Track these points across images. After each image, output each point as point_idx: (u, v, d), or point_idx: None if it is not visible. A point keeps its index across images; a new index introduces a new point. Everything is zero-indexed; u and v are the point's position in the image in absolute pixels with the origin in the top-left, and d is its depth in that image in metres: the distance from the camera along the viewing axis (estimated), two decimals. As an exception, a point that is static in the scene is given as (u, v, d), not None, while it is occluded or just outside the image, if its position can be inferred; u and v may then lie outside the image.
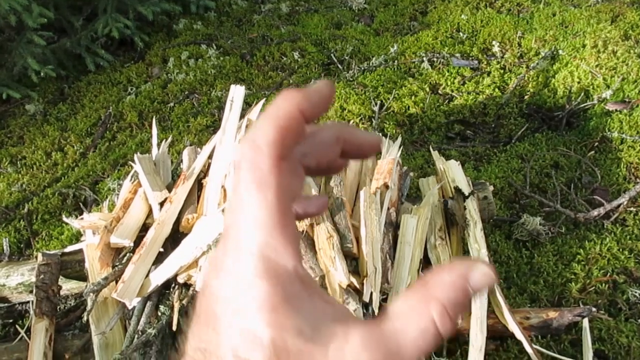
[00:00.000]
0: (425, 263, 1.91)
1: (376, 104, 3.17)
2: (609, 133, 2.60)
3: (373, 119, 3.08)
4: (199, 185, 1.98)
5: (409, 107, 3.14)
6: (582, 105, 2.82)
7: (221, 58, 4.12)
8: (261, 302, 0.36)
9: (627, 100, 2.75)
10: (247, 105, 3.53)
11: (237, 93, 2.09)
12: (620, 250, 2.08)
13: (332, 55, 3.95)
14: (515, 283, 2.04)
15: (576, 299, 1.94)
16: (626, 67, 2.97)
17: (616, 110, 2.70)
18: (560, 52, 3.33)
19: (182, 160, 2.20)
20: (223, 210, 1.72)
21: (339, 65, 3.81)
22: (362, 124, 3.07)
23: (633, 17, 3.56)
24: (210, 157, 2.02)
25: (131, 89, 3.86)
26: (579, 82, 2.99)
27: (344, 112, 3.17)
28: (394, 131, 3.00)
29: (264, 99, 2.21)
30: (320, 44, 4.18)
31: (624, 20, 3.54)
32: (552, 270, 2.05)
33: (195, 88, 3.79)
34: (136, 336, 1.62)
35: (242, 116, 2.08)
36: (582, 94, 2.89)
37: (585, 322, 1.79)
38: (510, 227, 2.25)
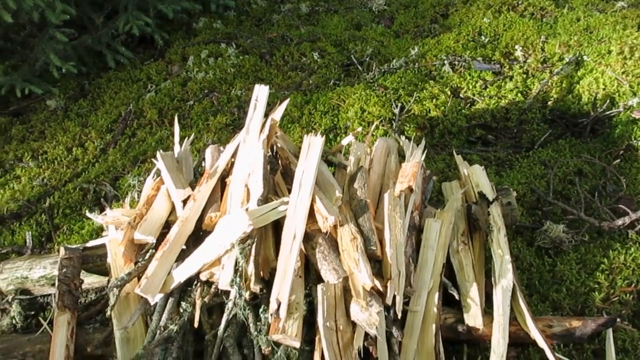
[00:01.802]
0: (448, 267, 1.90)
1: (397, 106, 3.15)
2: (634, 141, 2.56)
3: (393, 122, 3.07)
4: (222, 183, 1.99)
5: (429, 110, 3.12)
6: (608, 113, 2.78)
7: (240, 57, 4.13)
8: None
9: (653, 108, 2.71)
10: (267, 105, 3.53)
11: (261, 92, 2.10)
12: (646, 260, 2.05)
13: (352, 56, 3.94)
14: (537, 290, 2.01)
15: (599, 309, 1.91)
16: (653, 74, 2.93)
17: (642, 118, 2.66)
18: (584, 57, 3.29)
19: (204, 159, 2.21)
20: (247, 209, 1.72)
21: (359, 67, 3.80)
22: (383, 126, 3.06)
23: (660, 23, 3.51)
24: (233, 156, 2.02)
25: (151, 87, 3.89)
26: (604, 89, 2.95)
27: (364, 113, 3.16)
28: (415, 134, 2.99)
29: (287, 100, 2.20)
30: (340, 44, 4.17)
31: (650, 26, 3.50)
32: (575, 278, 2.02)
33: (214, 87, 3.80)
34: (158, 332, 1.63)
35: (265, 115, 2.08)
36: (608, 101, 2.85)
37: (609, 332, 1.77)
38: (532, 233, 2.22)
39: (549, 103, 3.03)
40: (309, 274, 1.73)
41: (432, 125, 3.05)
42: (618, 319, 1.78)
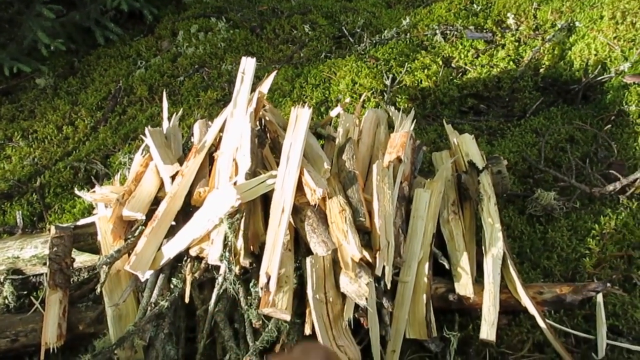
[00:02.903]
0: (438, 237, 1.90)
1: (388, 77, 3.12)
2: (626, 106, 2.54)
3: (385, 93, 3.03)
4: (210, 158, 1.97)
5: (421, 80, 3.09)
6: (599, 78, 2.75)
7: (231, 31, 4.06)
8: None
9: (646, 73, 2.68)
10: (257, 78, 3.49)
11: (248, 65, 2.07)
12: (636, 225, 2.05)
13: (343, 28, 3.88)
14: (528, 258, 2.02)
15: (590, 275, 1.92)
16: (646, 39, 2.89)
17: (634, 83, 2.63)
18: (577, 23, 3.25)
19: (193, 134, 2.19)
20: (235, 184, 1.71)
21: (350, 39, 3.74)
22: (374, 97, 3.03)
23: (654, -13, 3.44)
24: (221, 130, 2.00)
25: (141, 63, 3.83)
26: (596, 55, 2.91)
27: (355, 86, 3.13)
28: (406, 105, 2.96)
29: (275, 72, 2.17)
30: (331, 16, 4.10)
31: (644, -10, 3.43)
32: (566, 245, 2.03)
33: (205, 62, 3.75)
34: (149, 308, 1.64)
35: (253, 89, 2.05)
36: (599, 66, 2.82)
37: (600, 298, 1.78)
38: (524, 201, 2.22)
39: (541, 70, 2.99)
40: (299, 247, 1.73)
41: (424, 95, 3.02)
42: (608, 284, 1.79)
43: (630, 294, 1.85)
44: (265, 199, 1.80)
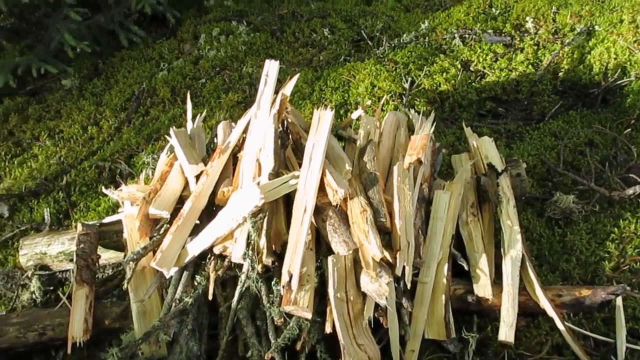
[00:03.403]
0: (457, 239, 1.92)
1: (407, 80, 3.14)
2: (646, 110, 2.54)
3: (404, 96, 3.06)
4: (234, 159, 2.02)
5: (440, 84, 3.11)
6: (619, 82, 2.75)
7: (251, 34, 4.12)
8: None
9: (667, 77, 2.67)
10: (278, 81, 3.54)
11: (271, 68, 2.11)
12: (656, 229, 2.05)
13: (362, 31, 3.91)
14: (547, 261, 2.03)
15: (609, 278, 1.93)
16: (667, 43, 2.88)
17: (656, 88, 2.63)
18: (596, 27, 3.24)
19: (216, 135, 2.24)
20: (258, 184, 1.75)
21: (369, 42, 3.77)
22: (393, 100, 3.06)
23: (676, -10, 3.42)
24: (245, 131, 2.05)
25: (163, 65, 3.91)
26: (615, 59, 2.91)
27: (374, 89, 3.16)
28: (425, 108, 2.98)
29: (297, 75, 2.21)
30: (350, 20, 4.14)
31: (665, -6, 3.41)
32: (585, 248, 2.03)
33: (226, 64, 3.81)
34: (173, 304, 1.68)
35: (276, 91, 2.09)
36: (619, 70, 2.82)
37: (619, 301, 1.78)
38: (542, 204, 2.23)
39: (560, 74, 3.00)
40: (320, 246, 1.77)
41: (442, 99, 3.04)
42: (628, 287, 1.80)
43: (650, 298, 1.85)
44: (288, 199, 1.84)
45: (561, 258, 2.02)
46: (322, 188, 1.76)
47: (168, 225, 1.81)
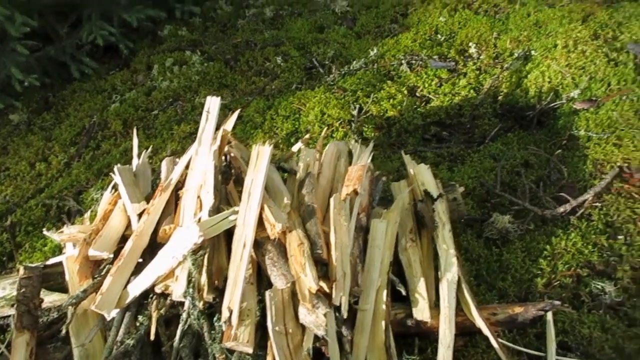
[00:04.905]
0: (397, 264, 1.99)
1: (355, 107, 3.23)
2: (576, 131, 2.68)
3: (352, 123, 3.15)
4: (176, 196, 2.05)
5: (387, 110, 3.21)
6: (552, 105, 2.90)
7: (205, 64, 4.18)
8: None
9: (594, 98, 2.83)
10: (229, 110, 3.60)
11: (213, 104, 2.16)
12: (585, 244, 2.16)
13: (314, 59, 4.01)
14: (485, 280, 2.11)
15: (542, 294, 2.02)
16: (594, 66, 3.05)
17: (583, 109, 2.78)
18: (533, 52, 3.41)
19: (161, 171, 2.26)
20: (198, 221, 1.78)
21: (321, 69, 3.87)
22: (342, 127, 3.14)
23: (603, 16, 3.63)
24: (187, 167, 2.08)
25: (116, 97, 3.92)
26: (549, 82, 3.06)
27: (324, 116, 3.24)
28: (373, 134, 3.07)
29: (238, 110, 2.26)
30: (303, 47, 4.23)
31: (594, 19, 3.61)
32: (520, 266, 2.13)
33: (179, 95, 3.85)
34: (115, 347, 1.69)
35: (218, 126, 2.14)
36: (552, 93, 2.97)
37: (549, 316, 1.87)
38: (481, 225, 2.32)
39: (500, 98, 3.14)
40: (262, 280, 1.80)
41: (390, 124, 3.14)
42: (557, 302, 1.89)
43: (579, 311, 1.95)
44: (230, 234, 1.87)
45: (498, 277, 2.11)
46: (262, 222, 1.81)
47: (110, 266, 1.82)
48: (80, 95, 4.02)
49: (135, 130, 2.64)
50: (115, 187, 2.21)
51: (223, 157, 2.12)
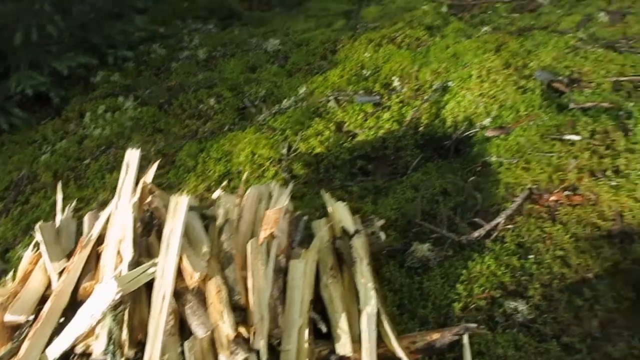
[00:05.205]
0: (320, 302, 2.05)
1: (284, 146, 3.33)
2: (488, 158, 2.86)
3: (283, 161, 3.24)
4: (98, 251, 2.06)
5: (315, 147, 3.32)
6: (467, 133, 3.09)
7: (139, 109, 4.20)
8: None
9: (504, 125, 3.04)
10: (163, 155, 3.62)
11: (132, 157, 2.20)
12: (498, 266, 2.30)
13: (246, 99, 4.10)
14: (407, 309, 2.21)
15: (459, 318, 2.13)
16: (504, 94, 3.28)
17: (495, 136, 2.98)
18: (450, 83, 3.62)
19: (84, 226, 2.27)
20: (118, 275, 1.80)
21: (252, 109, 3.96)
22: (273, 166, 3.23)
23: (514, 45, 3.91)
24: (108, 221, 2.10)
25: (46, 147, 3.88)
26: (464, 111, 3.26)
27: (254, 157, 3.32)
28: (302, 172, 3.17)
29: (157, 161, 2.31)
30: (236, 88, 4.32)
31: (506, 49, 3.88)
32: (439, 292, 2.24)
33: (111, 142, 3.85)
34: (36, 409, 1.67)
35: (138, 179, 2.18)
36: (467, 122, 3.17)
37: (465, 339, 1.98)
38: (403, 255, 2.43)
39: (420, 129, 3.31)
40: (184, 330, 1.83)
41: (318, 161, 3.25)
42: (472, 325, 2.00)
43: (494, 332, 2.07)
44: (151, 286, 1.90)
45: (419, 305, 2.21)
46: (182, 272, 1.85)
47: (29, 329, 1.81)
48: (10, 147, 3.95)
49: (59, 184, 2.63)
50: (37, 246, 2.19)
51: (145, 209, 2.15)
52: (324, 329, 1.91)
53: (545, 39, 4.04)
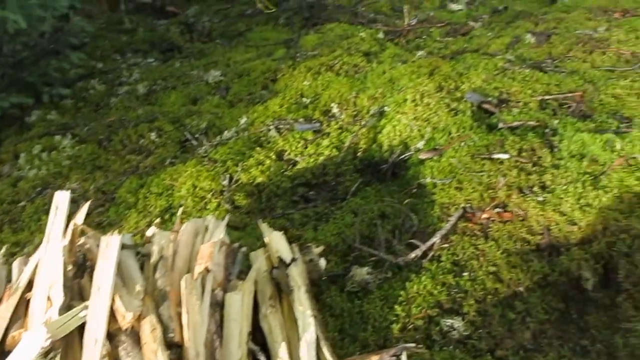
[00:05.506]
0: (261, 333, 2.06)
1: (225, 177, 3.34)
2: (423, 179, 2.97)
3: (225, 193, 3.25)
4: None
5: (256, 176, 3.35)
6: (403, 156, 3.19)
7: (77, 147, 4.12)
8: None
9: (437, 147, 3.16)
10: (103, 193, 3.56)
11: (61, 199, 2.16)
12: (434, 285, 2.37)
13: (187, 132, 4.10)
14: (348, 333, 2.24)
15: (398, 338, 2.17)
16: (437, 117, 3.42)
17: (428, 158, 3.10)
18: (386, 108, 3.75)
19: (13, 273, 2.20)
20: (47, 322, 1.75)
21: (194, 142, 3.96)
22: (215, 198, 3.23)
23: (447, 69, 4.10)
24: (38, 267, 2.05)
25: (-21, 193, 3.73)
26: (399, 135, 3.38)
27: (196, 189, 3.31)
28: (244, 202, 3.18)
29: (89, 203, 2.28)
30: (177, 121, 4.31)
31: (439, 72, 4.06)
32: (378, 315, 2.28)
33: (48, 182, 3.75)
34: None
35: (68, 221, 2.14)
36: (402, 145, 3.28)
37: (403, 359, 2.02)
38: (343, 280, 2.47)
39: (359, 154, 3.40)
40: (119, 372, 1.79)
41: (260, 190, 3.27)
42: (410, 345, 2.03)
43: (431, 350, 2.12)
44: (83, 329, 1.86)
45: (360, 328, 2.25)
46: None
47: (-48, 385, 1.73)
48: (-61, 194, 3.78)
49: (-11, 231, 2.54)
50: (-38, 297, 2.10)
51: (78, 250, 2.11)
52: (263, 359, 1.91)
53: (476, 62, 4.25)
